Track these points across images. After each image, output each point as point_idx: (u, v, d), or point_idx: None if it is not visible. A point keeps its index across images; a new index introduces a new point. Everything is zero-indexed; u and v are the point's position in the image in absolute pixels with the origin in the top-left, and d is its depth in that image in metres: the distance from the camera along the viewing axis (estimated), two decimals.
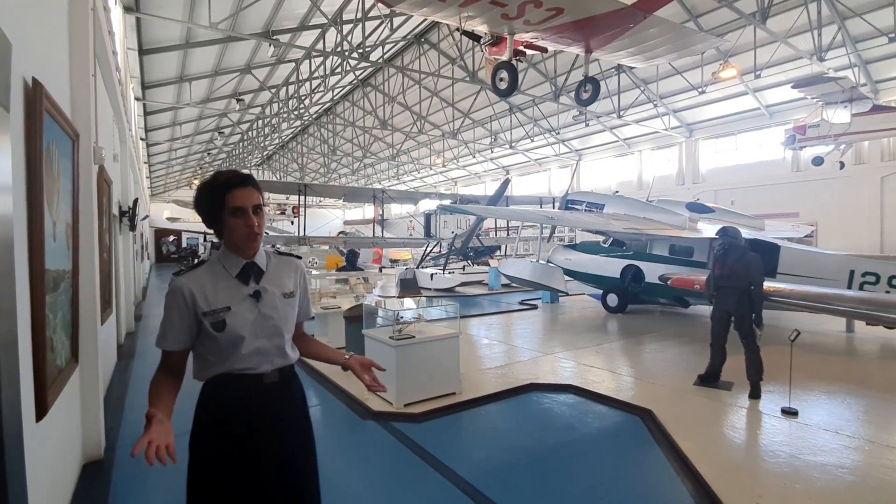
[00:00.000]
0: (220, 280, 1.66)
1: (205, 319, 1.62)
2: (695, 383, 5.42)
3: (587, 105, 7.36)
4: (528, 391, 5.32)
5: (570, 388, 5.34)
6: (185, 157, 29.09)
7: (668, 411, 4.52)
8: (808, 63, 14.57)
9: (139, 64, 13.07)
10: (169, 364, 1.71)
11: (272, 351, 1.71)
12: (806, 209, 17.25)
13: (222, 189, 1.62)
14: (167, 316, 1.65)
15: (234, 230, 1.63)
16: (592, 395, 5.11)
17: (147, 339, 8.71)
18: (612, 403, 4.87)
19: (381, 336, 5.07)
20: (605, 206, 10.08)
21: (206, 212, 1.67)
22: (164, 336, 1.67)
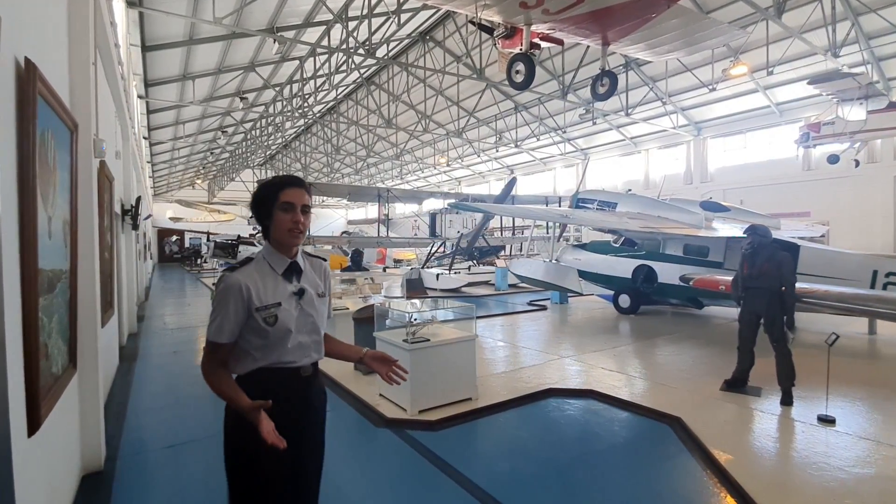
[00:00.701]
0: (269, 278, 1.76)
1: (258, 314, 1.69)
2: (721, 388, 5.18)
3: (604, 100, 7.14)
4: (547, 396, 5.09)
5: (591, 393, 5.11)
6: (188, 157, 28.94)
7: (698, 419, 4.29)
8: (821, 60, 14.32)
9: (142, 61, 12.89)
10: (221, 356, 1.73)
11: (311, 346, 1.83)
12: (817, 208, 16.98)
13: (277, 186, 1.75)
14: (223, 309, 1.68)
15: (281, 224, 1.73)
16: (615, 400, 4.88)
17: (150, 340, 8.51)
18: (638, 410, 4.64)
19: (393, 339, 4.85)
20: (618, 204, 9.84)
21: (259, 206, 1.77)
22: (220, 329, 1.68)
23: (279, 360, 1.74)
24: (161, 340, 8.50)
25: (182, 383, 5.90)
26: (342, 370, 6.09)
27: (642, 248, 10.78)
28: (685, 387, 5.35)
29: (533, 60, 5.83)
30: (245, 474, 1.71)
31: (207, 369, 1.70)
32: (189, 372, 6.40)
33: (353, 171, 35.48)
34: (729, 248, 9.34)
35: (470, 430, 4.35)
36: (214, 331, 1.68)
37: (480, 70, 14.55)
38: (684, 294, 10.04)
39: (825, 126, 12.52)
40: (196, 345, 8.16)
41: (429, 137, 27.80)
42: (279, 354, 1.74)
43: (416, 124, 23.85)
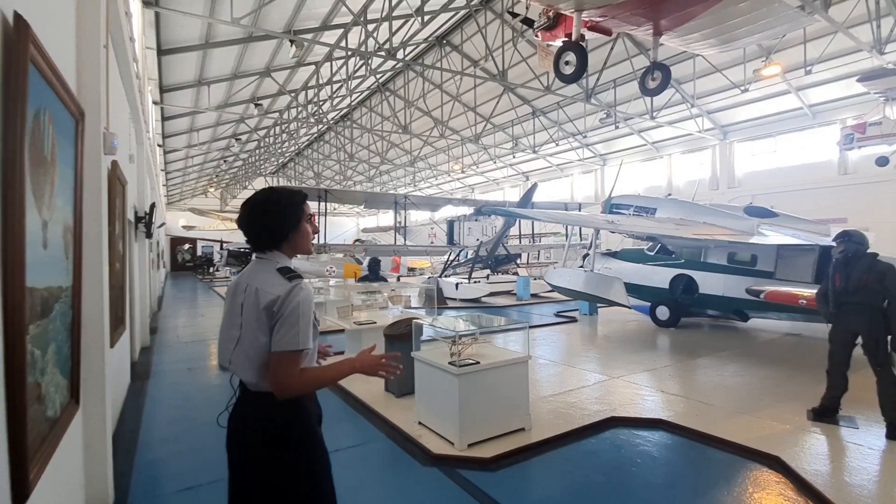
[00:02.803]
0: None
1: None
2: (809, 417, 4.54)
3: (655, 94, 6.59)
4: (610, 426, 4.48)
5: (661, 423, 4.49)
6: (202, 165, 28.78)
7: (800, 458, 3.66)
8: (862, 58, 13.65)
9: (157, 65, 12.59)
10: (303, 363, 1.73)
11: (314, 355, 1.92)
12: (855, 214, 16.13)
13: (302, 199, 1.90)
14: (306, 317, 1.71)
15: (307, 236, 1.91)
16: (692, 433, 4.26)
17: (163, 355, 8.02)
18: (721, 445, 4.01)
19: (436, 361, 4.28)
20: (658, 209, 9.23)
21: (287, 215, 1.84)
22: (307, 336, 1.71)
23: (311, 362, 1.79)
24: (175, 355, 8.01)
25: (199, 406, 5.37)
26: (372, 392, 5.54)
27: (681, 256, 10.15)
28: (765, 415, 4.70)
29: (585, 50, 5.30)
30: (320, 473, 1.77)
31: (298, 379, 1.68)
32: (205, 393, 5.88)
33: (365, 178, 35.15)
34: (780, 257, 8.70)
35: (530, 470, 3.76)
36: (305, 338, 1.69)
37: (503, 72, 14.05)
38: (729, 306, 9.39)
39: (871, 126, 11.83)
40: (211, 360, 7.65)
41: (443, 144, 27.37)
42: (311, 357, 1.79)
43: (430, 130, 23.43)
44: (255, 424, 1.75)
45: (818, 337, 8.76)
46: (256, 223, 1.82)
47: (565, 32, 5.93)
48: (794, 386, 5.66)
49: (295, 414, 1.75)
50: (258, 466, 1.70)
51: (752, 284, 6.75)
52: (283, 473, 1.68)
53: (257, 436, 1.72)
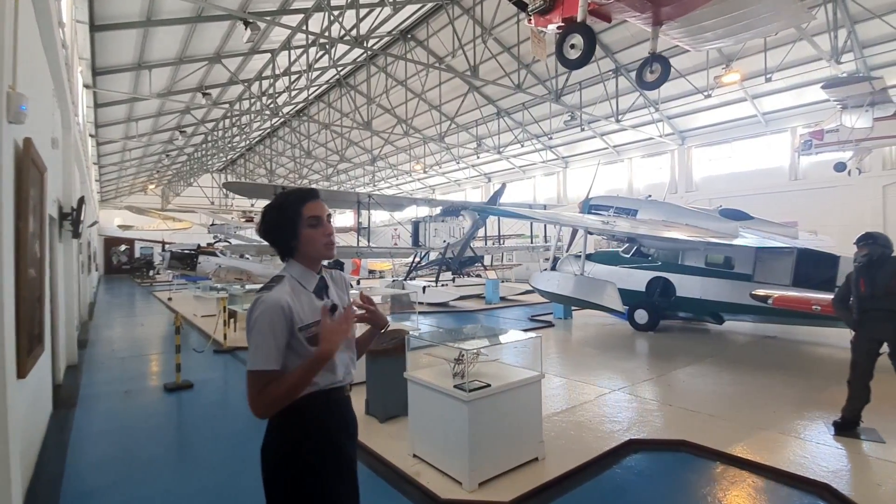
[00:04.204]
0: (302, 295, 1.65)
1: (300, 334, 1.58)
2: (832, 432, 4.25)
3: (653, 88, 6.22)
4: (630, 451, 4.00)
5: (684, 444, 4.06)
6: (141, 159, 26.51)
7: (850, 484, 3.30)
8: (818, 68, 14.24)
9: (90, 43, 11.14)
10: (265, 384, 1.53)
11: (349, 362, 1.76)
12: (805, 218, 16.85)
13: (299, 202, 1.67)
14: (268, 333, 1.52)
15: (314, 241, 1.66)
16: (720, 456, 3.84)
17: (94, 374, 6.88)
18: (760, 471, 3.61)
19: (438, 384, 3.63)
20: (639, 211, 8.99)
21: (281, 229, 1.67)
22: (268, 355, 1.51)
23: (329, 380, 1.65)
24: (108, 374, 6.88)
25: (139, 440, 4.44)
26: None
27: (657, 259, 10.00)
28: (784, 430, 4.39)
29: (593, 32, 4.84)
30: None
31: (262, 403, 1.51)
32: (148, 422, 4.92)
33: (322, 177, 33.77)
34: (759, 260, 8.67)
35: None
36: (264, 358, 1.51)
37: (475, 67, 13.55)
38: (707, 309, 9.31)
39: (829, 133, 12.24)
40: (154, 380, 6.60)
41: (405, 143, 26.63)
42: (325, 374, 1.62)
43: (392, 128, 22.65)
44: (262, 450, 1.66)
45: (793, 339, 8.82)
46: (271, 229, 1.70)
47: (562, 16, 5.45)
48: (796, 394, 5.44)
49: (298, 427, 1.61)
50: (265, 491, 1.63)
51: (757, 290, 6.55)
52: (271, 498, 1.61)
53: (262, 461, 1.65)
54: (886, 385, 4.51)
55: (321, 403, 1.63)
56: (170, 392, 5.88)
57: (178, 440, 4.63)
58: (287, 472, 1.57)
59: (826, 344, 8.32)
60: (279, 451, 1.60)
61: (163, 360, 7.84)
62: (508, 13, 15.29)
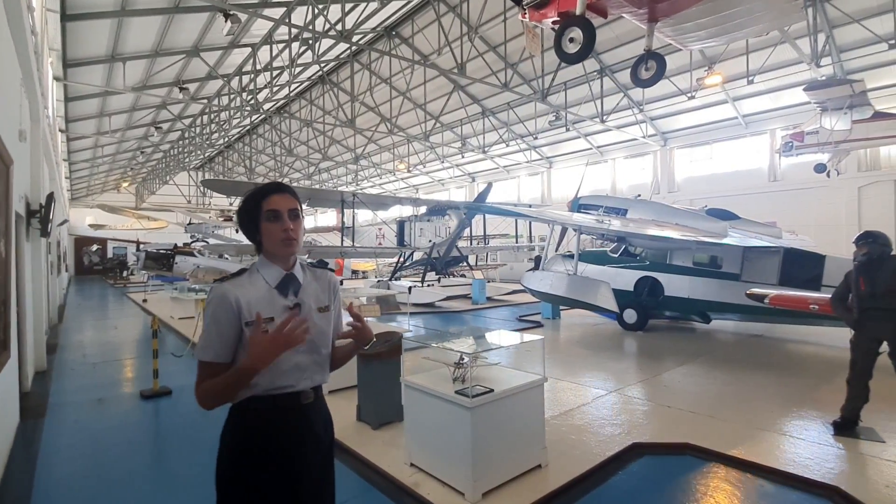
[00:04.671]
0: (262, 290, 1.59)
1: (247, 329, 1.51)
2: (833, 432, 4.22)
3: (648, 86, 6.16)
4: (634, 455, 3.89)
5: (688, 448, 3.97)
6: (114, 156, 25.60)
7: (859, 486, 3.25)
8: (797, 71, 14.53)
9: (60, 33, 10.61)
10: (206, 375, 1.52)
11: (310, 367, 1.65)
12: (783, 218, 17.17)
13: (259, 196, 1.63)
14: (212, 323, 1.51)
15: (271, 235, 1.60)
16: (726, 459, 3.76)
17: (64, 381, 6.50)
18: (767, 474, 3.53)
19: (438, 389, 3.46)
20: (629, 210, 8.98)
21: (245, 222, 1.65)
22: (208, 345, 1.50)
23: (273, 383, 1.55)
24: (80, 381, 6.50)
25: (113, 454, 4.14)
26: (340, 421, 4.60)
27: (645, 258, 10.01)
28: (783, 430, 4.35)
29: (592, 25, 4.73)
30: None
31: (200, 394, 1.49)
32: (123, 433, 4.62)
33: (303, 176, 33.21)
34: (746, 259, 8.73)
35: None
36: (202, 347, 1.52)
37: (461, 65, 13.41)
38: (694, 308, 9.35)
39: (809, 135, 12.47)
40: (129, 386, 6.26)
41: (389, 142, 26.36)
42: (273, 377, 1.54)
43: (376, 126, 22.34)
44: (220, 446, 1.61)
45: (779, 337, 8.91)
46: (240, 224, 1.68)
47: (558, 11, 5.34)
48: (790, 393, 5.44)
49: (239, 430, 1.57)
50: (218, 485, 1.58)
51: (754, 290, 6.55)
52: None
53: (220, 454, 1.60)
54: (883, 384, 4.51)
55: (265, 408, 1.55)
56: (146, 399, 5.56)
57: (156, 452, 4.35)
58: (227, 471, 1.54)
59: (812, 342, 8.42)
60: (224, 447, 1.57)
61: (138, 365, 7.47)
62: (494, 12, 15.21)
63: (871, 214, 15.68)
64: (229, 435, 1.57)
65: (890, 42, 11.68)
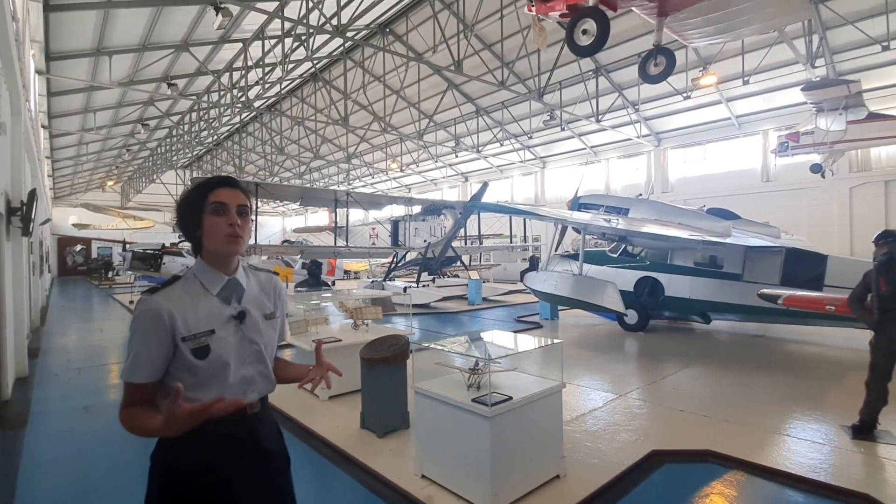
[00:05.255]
0: (200, 299, 1.44)
1: (184, 345, 1.38)
2: (853, 437, 4.11)
3: (657, 82, 6.04)
4: (654, 463, 3.73)
5: (709, 455, 3.82)
6: (99, 154, 24.98)
7: (890, 492, 3.12)
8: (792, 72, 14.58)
9: (43, 24, 10.22)
10: (140, 400, 1.37)
11: (257, 378, 1.52)
12: (776, 219, 17.22)
13: (205, 188, 1.47)
14: (140, 342, 1.36)
15: (214, 230, 1.43)
16: (748, 466, 3.62)
17: (47, 388, 6.18)
18: (793, 482, 3.40)
19: (452, 397, 3.26)
20: (630, 210, 8.86)
21: (186, 216, 1.47)
22: (136, 366, 1.35)
23: (206, 397, 1.35)
24: (64, 388, 6.19)
25: (101, 470, 3.88)
26: (344, 430, 4.39)
27: (645, 258, 9.92)
28: (800, 434, 4.22)
29: (606, 16, 4.57)
30: None
31: (124, 420, 1.35)
32: (110, 446, 4.34)
33: (294, 175, 32.78)
34: (748, 259, 8.66)
35: None
36: (129, 368, 1.35)
37: (458, 62, 13.23)
38: (695, 308, 9.27)
39: (804, 136, 12.50)
40: (117, 393, 5.96)
41: (381, 140, 26.10)
42: (216, 392, 1.39)
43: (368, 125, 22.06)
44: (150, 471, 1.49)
45: (781, 338, 8.86)
46: (178, 222, 1.52)
47: (566, 3, 5.18)
48: (800, 395, 5.34)
49: (179, 449, 1.41)
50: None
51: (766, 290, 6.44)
52: None
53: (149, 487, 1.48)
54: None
55: (207, 423, 1.35)
56: None
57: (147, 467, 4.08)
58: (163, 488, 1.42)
59: (813, 342, 8.39)
60: (158, 462, 1.45)
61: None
62: (490, 10, 15.06)
63: (862, 215, 15.81)
64: (170, 454, 1.41)
65: (883, 44, 11.74)
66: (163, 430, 1.28)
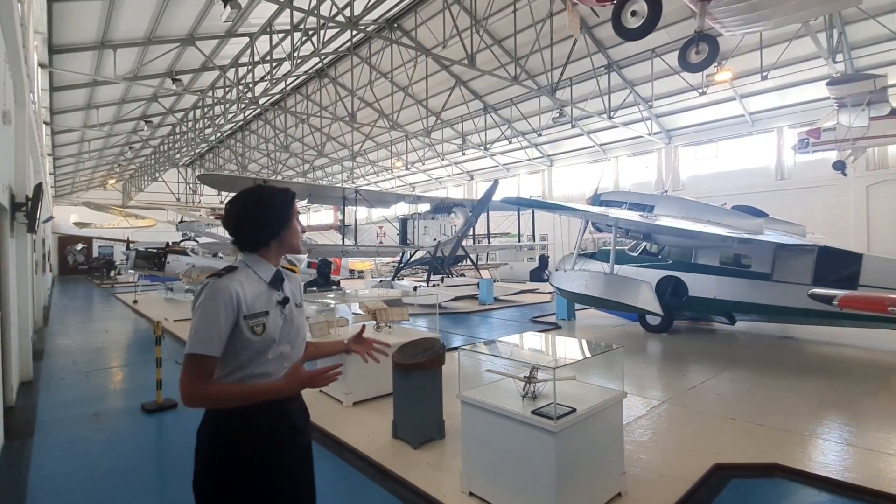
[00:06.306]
0: (256, 285, 1.63)
1: (245, 322, 1.55)
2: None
3: (698, 71, 5.74)
4: (721, 479, 3.43)
5: (778, 469, 3.52)
6: (101, 151, 24.66)
7: None
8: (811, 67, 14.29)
9: (47, 15, 9.90)
10: (208, 373, 1.51)
11: (292, 357, 1.71)
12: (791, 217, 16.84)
13: (291, 195, 1.75)
14: (213, 318, 1.49)
15: (297, 233, 1.76)
16: (827, 483, 3.32)
17: (54, 393, 5.87)
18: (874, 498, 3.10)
19: (508, 407, 2.95)
20: (655, 207, 8.56)
21: (278, 212, 1.69)
22: (209, 339, 1.48)
23: (254, 371, 1.58)
24: (72, 393, 5.88)
25: (116, 485, 3.57)
26: (374, 441, 4.09)
27: (668, 257, 9.62)
28: (872, 446, 3.92)
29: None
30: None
31: (199, 388, 1.47)
32: (125, 458, 4.03)
33: (297, 173, 32.46)
34: (778, 258, 8.35)
35: None
36: (202, 341, 1.47)
37: (472, 56, 12.91)
38: (721, 309, 8.96)
39: (825, 132, 12.21)
40: (128, 398, 5.65)
41: (387, 138, 25.79)
42: (256, 365, 1.58)
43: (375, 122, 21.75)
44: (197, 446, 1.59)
45: (811, 339, 8.56)
46: (249, 219, 1.67)
47: None
48: (853, 401, 5.06)
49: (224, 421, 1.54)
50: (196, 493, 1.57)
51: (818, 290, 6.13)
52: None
53: (196, 458, 1.58)
54: None
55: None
56: (150, 414, 4.97)
57: (163, 477, 3.79)
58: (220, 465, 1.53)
59: (846, 345, 8.08)
60: (213, 440, 1.55)
61: (135, 373, 6.85)
62: (501, 4, 14.76)
63: (879, 213, 15.53)
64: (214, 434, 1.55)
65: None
66: (274, 391, 1.54)
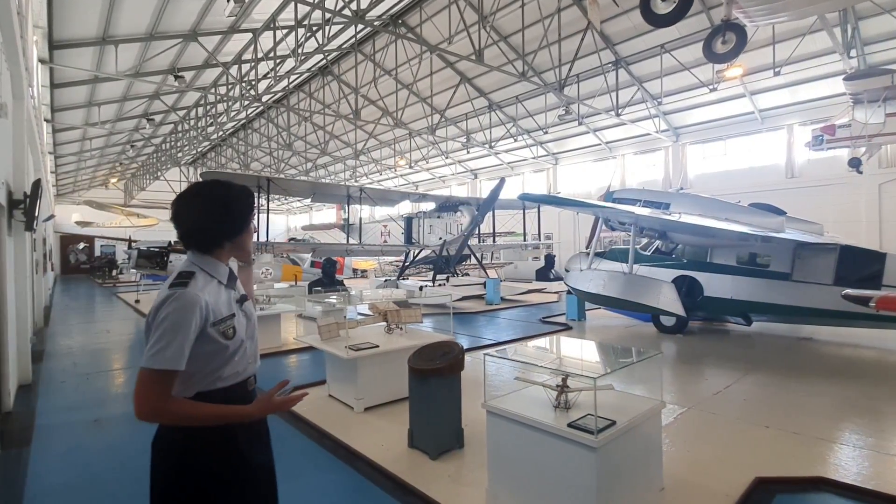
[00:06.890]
0: (215, 288, 1.58)
1: (214, 329, 1.50)
2: None
3: (724, 62, 5.53)
4: (765, 494, 3.20)
5: (823, 482, 3.30)
6: (102, 149, 24.48)
7: None
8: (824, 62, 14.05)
9: (47, 8, 9.70)
10: (171, 389, 1.43)
11: (255, 352, 1.70)
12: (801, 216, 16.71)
13: (252, 199, 1.70)
14: (183, 331, 1.41)
15: (251, 237, 1.73)
16: (879, 498, 3.09)
17: (53, 398, 5.65)
18: None
19: (544, 421, 2.73)
20: (671, 205, 8.33)
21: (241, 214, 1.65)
22: (180, 354, 1.40)
23: (223, 374, 1.54)
24: (71, 397, 5.67)
25: (122, 497, 3.36)
26: (390, 451, 3.87)
27: (682, 256, 9.39)
28: None
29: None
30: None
31: (163, 406, 1.40)
32: (131, 464, 3.82)
33: (299, 172, 32.25)
34: (798, 257, 8.12)
35: None
36: (174, 357, 1.39)
37: (479, 51, 12.68)
38: (738, 309, 8.73)
39: (840, 129, 11.96)
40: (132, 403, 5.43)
41: (390, 137, 25.57)
42: (227, 368, 1.55)
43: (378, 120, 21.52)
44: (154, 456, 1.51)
45: (829, 341, 8.33)
46: (212, 220, 1.58)
47: None
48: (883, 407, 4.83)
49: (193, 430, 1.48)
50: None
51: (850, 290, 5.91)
52: None
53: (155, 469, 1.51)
54: None
55: (217, 400, 1.50)
56: None
57: None
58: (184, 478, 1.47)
59: (868, 346, 7.86)
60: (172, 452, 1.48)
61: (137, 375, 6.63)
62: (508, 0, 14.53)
63: (892, 212, 15.27)
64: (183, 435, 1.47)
65: None
66: (244, 414, 1.50)
